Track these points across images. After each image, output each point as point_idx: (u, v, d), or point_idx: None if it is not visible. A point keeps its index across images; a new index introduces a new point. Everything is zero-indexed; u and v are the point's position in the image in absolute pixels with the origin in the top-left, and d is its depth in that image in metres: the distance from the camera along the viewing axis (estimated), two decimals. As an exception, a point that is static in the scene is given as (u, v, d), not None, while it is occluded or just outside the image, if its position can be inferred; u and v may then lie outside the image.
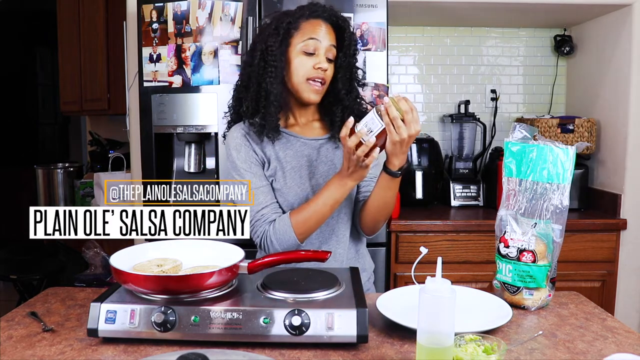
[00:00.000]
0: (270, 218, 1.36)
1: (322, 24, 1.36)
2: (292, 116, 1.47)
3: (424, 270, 1.11)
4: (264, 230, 1.35)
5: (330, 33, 1.37)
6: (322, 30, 1.36)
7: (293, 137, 1.44)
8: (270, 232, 1.34)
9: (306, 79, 1.36)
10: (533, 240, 1.24)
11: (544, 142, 1.25)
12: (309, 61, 1.35)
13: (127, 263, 1.13)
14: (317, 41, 1.35)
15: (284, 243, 1.33)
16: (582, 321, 1.17)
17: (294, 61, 1.36)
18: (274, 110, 1.36)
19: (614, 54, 2.44)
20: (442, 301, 0.85)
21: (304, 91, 1.37)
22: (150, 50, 1.99)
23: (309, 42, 1.35)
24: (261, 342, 1.01)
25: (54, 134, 6.07)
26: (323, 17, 1.37)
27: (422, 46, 2.85)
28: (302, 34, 1.35)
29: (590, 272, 2.30)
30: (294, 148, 1.43)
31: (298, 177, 1.40)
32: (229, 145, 1.42)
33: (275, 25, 1.36)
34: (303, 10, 1.37)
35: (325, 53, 1.36)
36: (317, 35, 1.35)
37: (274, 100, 1.36)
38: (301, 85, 1.37)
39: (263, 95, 1.37)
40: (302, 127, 1.46)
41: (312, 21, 1.36)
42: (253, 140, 1.41)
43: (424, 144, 2.54)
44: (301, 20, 1.37)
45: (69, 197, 3.33)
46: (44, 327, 1.11)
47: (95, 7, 3.27)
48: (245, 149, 1.40)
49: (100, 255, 2.65)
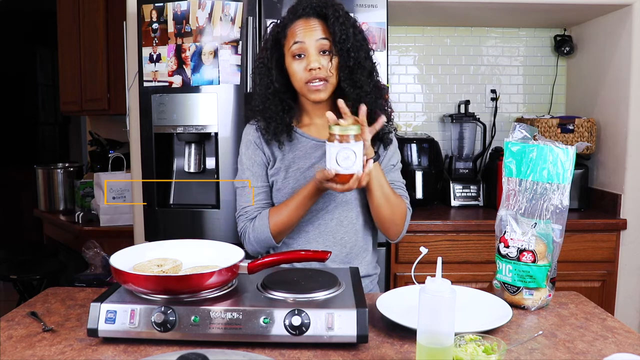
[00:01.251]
0: (252, 215, 1.43)
1: (304, 22, 1.36)
2: (307, 116, 1.47)
3: (424, 270, 1.11)
4: (244, 225, 1.43)
5: (316, 27, 1.35)
6: (305, 29, 1.35)
7: (304, 138, 1.45)
8: (249, 229, 1.42)
9: (305, 82, 1.36)
10: (533, 240, 1.24)
11: (544, 142, 1.25)
12: (301, 64, 1.36)
13: (127, 263, 1.13)
14: (301, 42, 1.35)
15: (262, 243, 1.41)
16: (582, 321, 1.17)
17: (290, 68, 1.38)
18: (273, 125, 1.40)
19: (614, 54, 2.43)
20: (442, 301, 0.85)
21: (307, 94, 1.38)
22: (150, 50, 1.99)
23: (295, 46, 1.35)
24: (261, 342, 1.01)
25: (54, 134, 6.07)
26: (304, 15, 1.36)
27: (422, 46, 2.85)
28: (289, 39, 1.37)
29: (590, 272, 2.30)
30: (304, 149, 1.44)
31: (302, 178, 1.41)
32: (242, 139, 1.50)
33: (269, 37, 1.41)
34: (288, 15, 1.39)
35: (317, 49, 1.35)
36: (299, 37, 1.35)
37: (273, 113, 1.39)
38: (303, 89, 1.38)
39: (259, 109, 1.42)
40: (317, 127, 1.46)
41: (295, 23, 1.37)
42: (264, 138, 1.45)
43: (424, 144, 2.54)
44: (288, 25, 1.38)
45: (69, 197, 3.33)
46: (44, 327, 1.11)
47: (95, 7, 3.27)
48: (253, 148, 1.46)
49: (100, 255, 2.65)
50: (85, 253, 2.66)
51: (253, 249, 1.44)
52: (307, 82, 1.35)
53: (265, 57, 1.41)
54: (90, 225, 2.88)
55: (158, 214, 2.06)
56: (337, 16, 1.35)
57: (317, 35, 1.35)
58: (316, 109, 1.44)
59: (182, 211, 2.06)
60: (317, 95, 1.37)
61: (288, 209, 1.37)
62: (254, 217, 1.42)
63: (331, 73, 1.36)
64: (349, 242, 1.44)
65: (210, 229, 2.02)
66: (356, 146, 1.17)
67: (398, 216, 1.41)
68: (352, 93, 1.36)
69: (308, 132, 1.45)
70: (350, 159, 1.17)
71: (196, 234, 2.01)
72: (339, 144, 1.17)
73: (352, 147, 1.17)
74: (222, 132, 1.98)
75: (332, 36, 1.34)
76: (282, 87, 1.41)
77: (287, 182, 1.42)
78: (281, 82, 1.41)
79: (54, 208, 3.34)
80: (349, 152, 1.17)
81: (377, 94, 1.40)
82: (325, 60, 1.35)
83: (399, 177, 1.50)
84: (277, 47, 1.41)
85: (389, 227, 1.43)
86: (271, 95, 1.41)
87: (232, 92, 1.97)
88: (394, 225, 1.42)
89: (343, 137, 1.17)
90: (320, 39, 1.35)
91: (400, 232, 1.45)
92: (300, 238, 1.44)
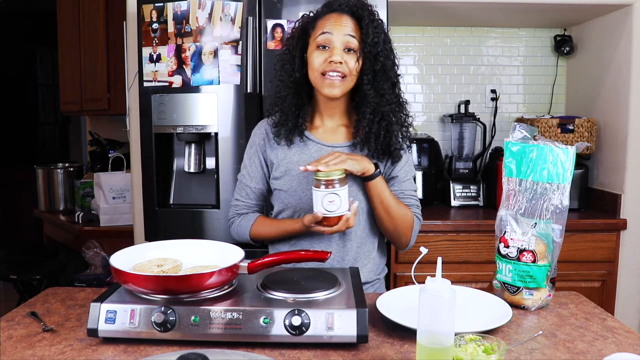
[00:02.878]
0: (241, 211, 1.51)
1: (336, 17, 1.35)
2: (318, 118, 1.46)
3: (424, 270, 1.12)
4: (233, 216, 1.52)
5: (347, 24, 1.34)
6: (336, 23, 1.33)
7: (311, 142, 1.43)
8: (235, 222, 1.51)
9: (321, 73, 1.34)
10: (533, 240, 1.24)
11: (544, 142, 1.25)
12: (323, 55, 1.34)
13: (127, 263, 1.13)
14: (329, 34, 1.33)
15: (241, 239, 1.50)
16: (582, 321, 1.17)
17: (310, 57, 1.36)
18: (286, 123, 1.40)
19: (614, 54, 2.43)
20: (442, 301, 0.85)
21: (321, 86, 1.36)
22: (150, 50, 1.99)
23: (321, 37, 1.34)
24: (261, 342, 1.01)
25: (54, 134, 6.07)
26: (339, 10, 1.35)
27: (422, 46, 2.85)
28: (317, 29, 1.36)
29: (590, 272, 2.30)
30: (309, 153, 1.43)
31: (305, 182, 1.40)
32: (251, 136, 1.52)
33: (297, 27, 1.41)
34: (322, 7, 1.39)
35: (343, 45, 1.33)
36: (329, 29, 1.33)
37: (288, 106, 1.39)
38: (317, 80, 1.36)
39: (279, 96, 1.42)
40: (326, 130, 1.45)
41: (327, 16, 1.36)
42: (269, 141, 1.46)
43: (424, 144, 2.54)
44: (319, 17, 1.38)
45: (69, 197, 3.33)
46: (44, 327, 1.11)
47: (95, 7, 3.27)
48: (255, 149, 1.49)
49: (100, 255, 2.64)
50: (85, 253, 2.66)
51: (235, 239, 1.51)
52: (324, 72, 1.33)
53: (291, 45, 1.40)
54: (90, 225, 2.88)
55: (158, 214, 2.06)
56: (372, 19, 1.34)
57: (346, 31, 1.33)
58: (328, 108, 1.43)
59: (182, 211, 2.06)
60: (331, 90, 1.34)
61: (270, 229, 1.45)
62: (242, 214, 1.50)
63: (353, 73, 1.34)
64: (351, 250, 1.44)
65: (210, 229, 2.02)
66: (340, 190, 1.24)
67: (402, 228, 1.40)
68: (373, 98, 1.34)
69: (317, 136, 1.44)
70: (335, 203, 1.24)
71: (196, 234, 2.01)
72: (324, 189, 1.24)
73: (336, 192, 1.24)
74: (222, 132, 1.98)
75: (364, 37, 1.33)
76: (301, 79, 1.39)
77: (292, 184, 1.42)
78: (301, 73, 1.39)
79: (54, 208, 3.34)
80: (334, 197, 1.24)
81: (397, 107, 1.39)
82: (349, 58, 1.33)
83: (408, 186, 1.46)
84: (303, 36, 1.40)
85: (393, 238, 1.44)
86: (292, 84, 1.39)
87: (232, 92, 1.97)
88: (398, 236, 1.42)
89: (328, 182, 1.23)
90: (348, 34, 1.33)
91: (408, 243, 1.44)
92: (301, 244, 1.45)
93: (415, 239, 1.45)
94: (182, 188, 2.11)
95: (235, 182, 1.98)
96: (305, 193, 1.40)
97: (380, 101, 1.35)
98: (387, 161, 1.43)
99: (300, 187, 1.41)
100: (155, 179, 2.04)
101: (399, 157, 1.42)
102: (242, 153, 1.97)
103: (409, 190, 1.46)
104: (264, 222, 1.47)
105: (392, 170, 1.44)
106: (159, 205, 2.05)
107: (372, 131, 1.36)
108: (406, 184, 1.45)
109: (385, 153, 1.40)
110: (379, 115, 1.36)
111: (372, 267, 1.49)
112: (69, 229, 3.02)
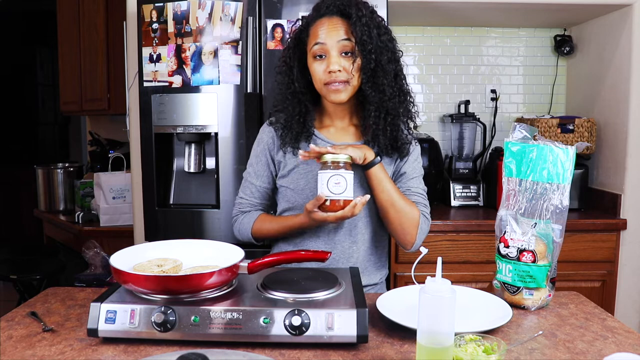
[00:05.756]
0: (245, 209, 1.51)
1: (327, 21, 1.33)
2: (327, 118, 1.46)
3: (424, 270, 1.12)
4: (236, 214, 1.52)
5: (339, 27, 1.32)
6: (327, 29, 1.32)
7: (320, 140, 1.43)
8: (238, 220, 1.51)
9: (324, 84, 1.34)
10: (533, 240, 1.24)
11: (544, 142, 1.25)
12: (321, 65, 1.33)
13: (127, 263, 1.13)
14: (322, 44, 1.32)
15: (244, 238, 1.50)
16: (582, 321, 1.17)
17: (311, 67, 1.37)
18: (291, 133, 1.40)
19: (614, 54, 2.44)
20: (442, 301, 0.85)
21: (326, 94, 1.36)
22: (150, 50, 1.99)
23: (315, 47, 1.33)
24: (261, 342, 1.01)
25: (54, 134, 6.07)
26: (328, 13, 1.34)
27: (422, 46, 2.85)
28: (312, 39, 1.35)
29: (590, 272, 2.30)
30: None
31: (313, 181, 1.39)
32: (258, 134, 1.52)
33: (292, 36, 1.41)
34: (311, 13, 1.38)
35: (339, 50, 1.32)
36: (322, 38, 1.32)
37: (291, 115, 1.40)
38: (322, 90, 1.36)
39: (279, 109, 1.43)
40: (336, 130, 1.45)
41: (318, 22, 1.35)
42: (276, 140, 1.46)
43: (424, 144, 2.54)
44: (311, 24, 1.37)
45: (69, 197, 3.33)
46: (44, 327, 1.11)
47: (95, 7, 3.27)
48: (262, 147, 1.48)
49: (100, 255, 2.64)
50: (85, 253, 2.66)
51: (237, 237, 1.52)
52: (327, 83, 1.33)
53: (287, 56, 1.40)
54: (90, 225, 2.88)
55: (158, 214, 2.06)
56: (360, 16, 1.31)
57: (339, 36, 1.31)
58: (337, 111, 1.43)
59: (182, 211, 2.06)
60: (337, 97, 1.34)
61: (272, 225, 1.44)
62: (245, 212, 1.50)
63: (352, 75, 1.33)
64: (357, 252, 1.43)
65: (210, 229, 2.02)
66: (347, 174, 1.23)
67: (407, 224, 1.36)
68: (374, 97, 1.34)
69: (327, 135, 1.44)
70: (341, 185, 1.22)
71: (196, 234, 2.01)
72: (330, 170, 1.22)
73: (343, 174, 1.22)
74: (222, 132, 1.98)
75: (355, 37, 1.31)
76: (302, 88, 1.39)
77: (298, 182, 1.42)
78: (302, 83, 1.39)
79: (54, 208, 3.34)
80: (340, 178, 1.22)
81: (401, 97, 1.38)
82: (346, 61, 1.32)
83: (416, 184, 1.44)
84: (299, 46, 1.40)
85: (399, 235, 1.39)
86: (290, 96, 1.39)
87: (232, 92, 1.97)
88: (403, 233, 1.37)
89: (335, 164, 1.23)
90: (342, 39, 1.31)
91: (413, 242, 1.38)
92: (305, 245, 1.45)
93: (422, 239, 1.40)
94: (182, 188, 2.12)
95: (235, 182, 1.99)
96: (312, 192, 1.39)
97: (382, 97, 1.34)
98: (397, 157, 1.44)
99: (308, 185, 1.40)
100: (155, 179, 2.04)
101: (407, 151, 1.43)
102: (242, 153, 1.97)
103: (416, 187, 1.43)
104: (266, 219, 1.47)
105: (401, 167, 1.44)
106: (159, 205, 2.05)
107: (379, 128, 1.36)
108: (413, 181, 1.44)
109: (394, 149, 1.41)
110: (383, 111, 1.35)
111: (375, 271, 1.49)
112: (69, 229, 3.02)
